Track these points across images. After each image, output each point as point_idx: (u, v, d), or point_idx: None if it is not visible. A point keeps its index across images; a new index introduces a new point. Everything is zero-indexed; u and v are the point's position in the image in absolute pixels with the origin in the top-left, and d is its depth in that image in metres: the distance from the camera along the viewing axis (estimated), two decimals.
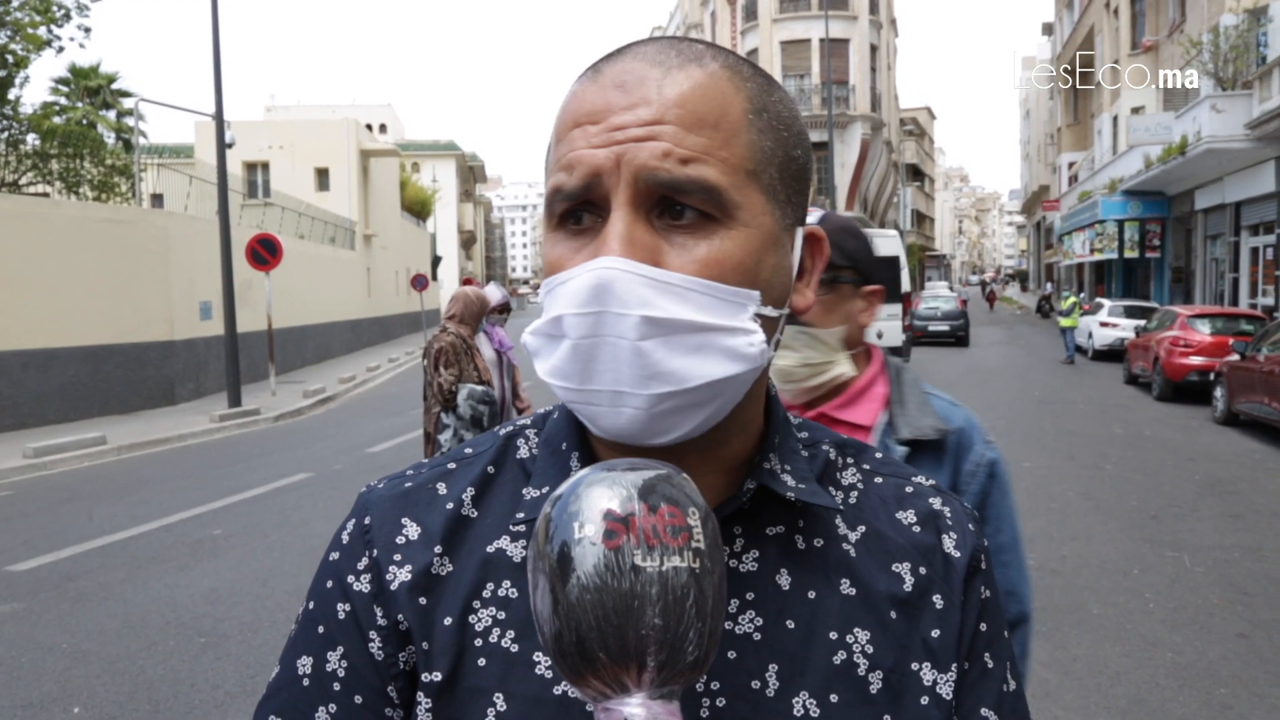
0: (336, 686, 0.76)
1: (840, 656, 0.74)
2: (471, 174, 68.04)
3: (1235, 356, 13.39)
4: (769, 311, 0.72)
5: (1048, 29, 53.94)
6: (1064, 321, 23.36)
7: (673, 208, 0.69)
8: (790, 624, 0.74)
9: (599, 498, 0.60)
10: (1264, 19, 20.55)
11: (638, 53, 0.72)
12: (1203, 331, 16.00)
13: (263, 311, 18.78)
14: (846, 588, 0.77)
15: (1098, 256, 32.38)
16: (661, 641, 0.58)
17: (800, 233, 0.77)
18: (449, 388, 6.02)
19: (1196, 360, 15.45)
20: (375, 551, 0.77)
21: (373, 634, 0.76)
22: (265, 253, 17.65)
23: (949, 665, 0.77)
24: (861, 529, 0.80)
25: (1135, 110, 29.10)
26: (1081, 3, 39.67)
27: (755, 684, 0.72)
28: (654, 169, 0.67)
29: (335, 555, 0.80)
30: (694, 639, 0.58)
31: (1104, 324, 23.71)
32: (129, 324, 16.42)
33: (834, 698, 0.73)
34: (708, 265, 0.68)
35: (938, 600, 0.78)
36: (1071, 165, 42.74)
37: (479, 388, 6.11)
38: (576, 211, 0.71)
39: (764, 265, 0.71)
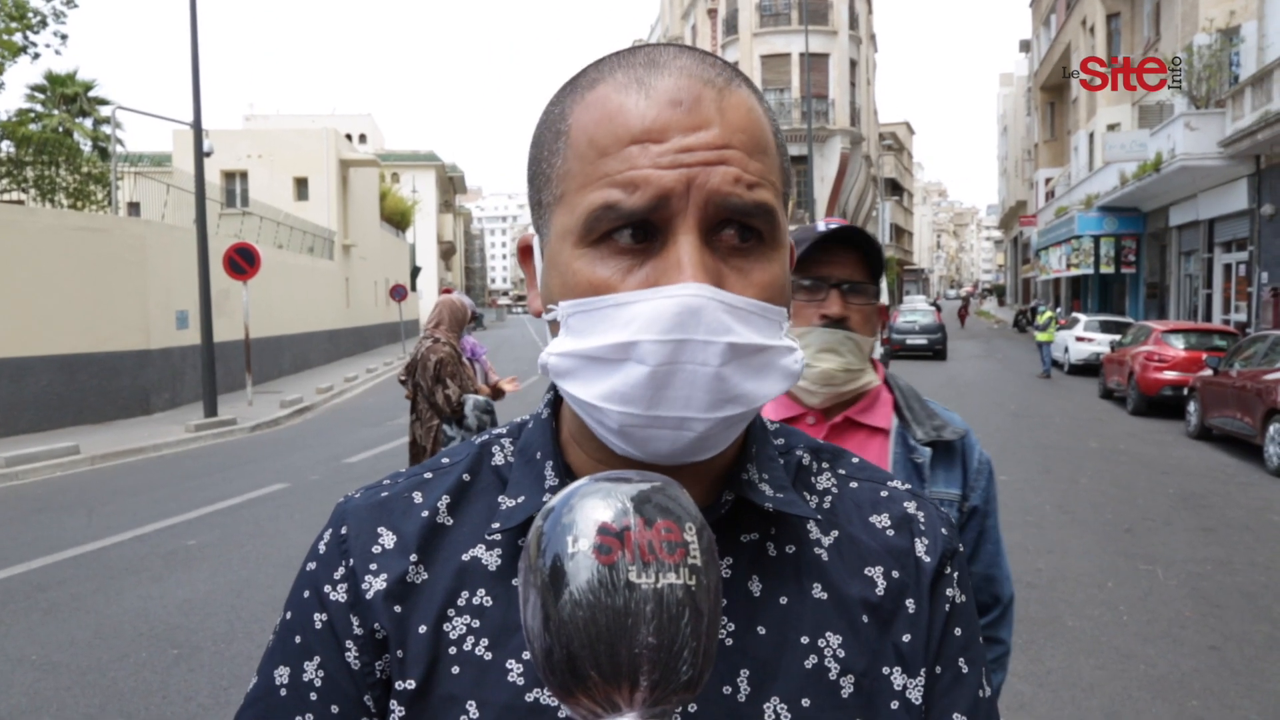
0: (313, 696, 0.75)
1: (811, 660, 0.74)
2: (451, 185, 67.95)
3: (1208, 372, 13.55)
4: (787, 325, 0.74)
5: (1025, 46, 54.45)
6: (1040, 336, 23.54)
7: (731, 229, 0.69)
8: (761, 630, 0.74)
9: (593, 510, 0.58)
10: (1236, 39, 20.88)
11: (680, 67, 0.70)
12: (1177, 347, 16.18)
13: (240, 321, 18.64)
14: (818, 592, 0.77)
15: (1074, 272, 32.70)
16: (655, 661, 0.56)
17: None
18: (458, 400, 5.82)
19: (1170, 375, 15.62)
20: (351, 561, 0.77)
21: (349, 643, 0.75)
22: (243, 262, 17.55)
23: (918, 670, 0.77)
24: (835, 534, 0.80)
25: (1111, 127, 29.45)
26: (1058, 20, 40.13)
27: (726, 689, 0.72)
28: (726, 194, 0.67)
29: (312, 565, 0.79)
30: (689, 658, 0.57)
31: (1080, 339, 23.90)
32: (104, 333, 16.27)
33: (805, 701, 0.73)
34: (764, 288, 0.69)
35: (910, 605, 0.78)
36: (1048, 181, 43.11)
37: (481, 398, 5.93)
38: (623, 230, 0.68)
39: (788, 282, 0.74)
